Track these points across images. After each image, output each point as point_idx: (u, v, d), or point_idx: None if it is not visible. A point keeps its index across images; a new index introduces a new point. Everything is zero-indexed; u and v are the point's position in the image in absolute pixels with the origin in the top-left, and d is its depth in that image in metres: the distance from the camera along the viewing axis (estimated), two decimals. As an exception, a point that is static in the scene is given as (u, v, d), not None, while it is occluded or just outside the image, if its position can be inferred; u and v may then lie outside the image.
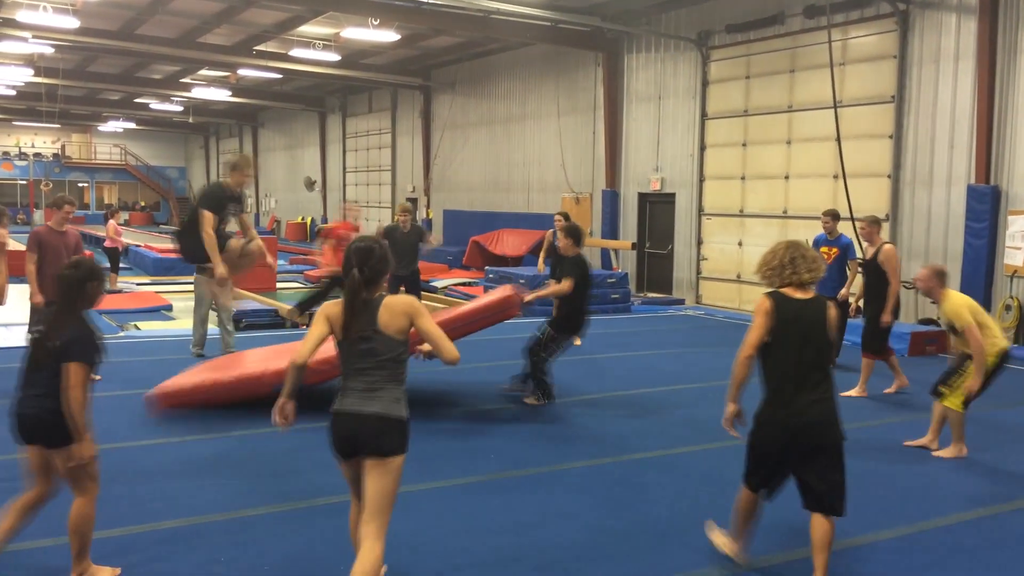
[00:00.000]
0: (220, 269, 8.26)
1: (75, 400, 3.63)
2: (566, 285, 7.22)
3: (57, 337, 3.72)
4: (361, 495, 3.51)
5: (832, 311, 4.00)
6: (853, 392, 8.08)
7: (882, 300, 8.02)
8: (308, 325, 11.94)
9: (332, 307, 3.52)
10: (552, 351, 7.43)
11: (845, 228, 12.83)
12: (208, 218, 8.20)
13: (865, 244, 8.50)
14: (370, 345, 3.46)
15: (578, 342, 9.83)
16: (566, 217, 10.17)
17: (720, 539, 4.37)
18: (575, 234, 7.52)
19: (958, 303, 6.09)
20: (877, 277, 8.09)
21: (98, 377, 7.67)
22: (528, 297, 7.37)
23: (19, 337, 10.37)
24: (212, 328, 9.50)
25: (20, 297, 13.85)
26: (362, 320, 3.45)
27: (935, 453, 6.30)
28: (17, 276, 16.75)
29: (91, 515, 3.82)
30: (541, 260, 11.77)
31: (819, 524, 3.96)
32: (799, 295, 3.96)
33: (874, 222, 8.38)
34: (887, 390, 8.31)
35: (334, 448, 3.56)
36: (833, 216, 9.15)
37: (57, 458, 3.73)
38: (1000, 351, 6.09)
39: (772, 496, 4.17)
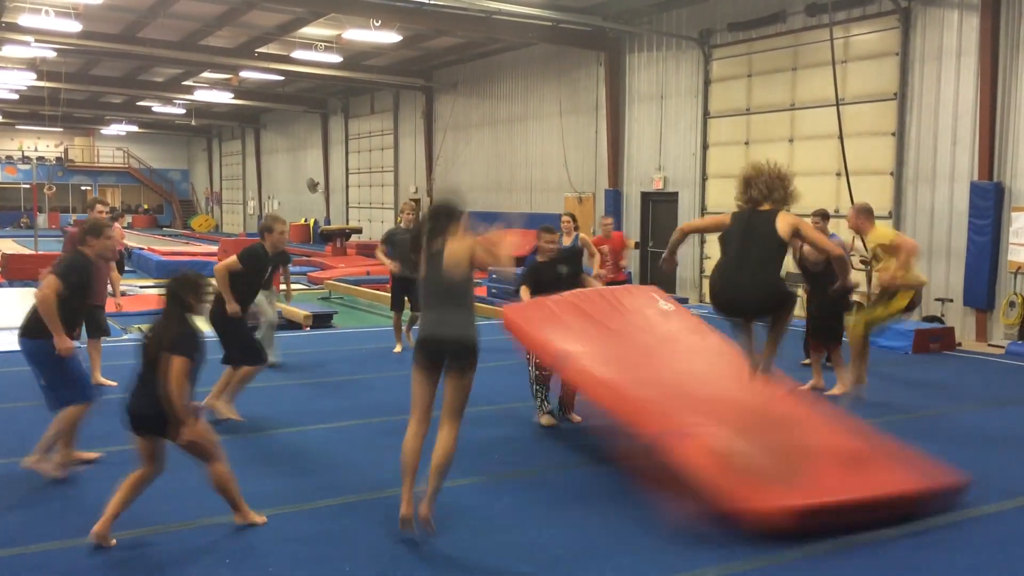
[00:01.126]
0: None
1: (175, 389, 4.14)
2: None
3: (163, 338, 4.25)
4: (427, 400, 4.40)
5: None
6: (836, 390, 7.83)
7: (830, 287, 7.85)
8: (312, 327, 11.91)
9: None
10: None
11: (845, 225, 12.87)
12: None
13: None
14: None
15: None
16: (573, 219, 10.08)
17: None
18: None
19: (882, 228, 6.85)
20: (825, 266, 7.84)
21: (115, 383, 7.79)
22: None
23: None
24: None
25: (23, 301, 13.89)
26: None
27: (826, 392, 6.86)
28: (22, 280, 16.83)
29: (225, 473, 4.45)
30: None
31: None
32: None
33: (824, 216, 8.51)
34: (804, 386, 7.85)
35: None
36: (822, 216, 8.98)
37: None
38: (917, 284, 6.65)
39: None
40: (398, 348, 9.95)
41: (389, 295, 10.43)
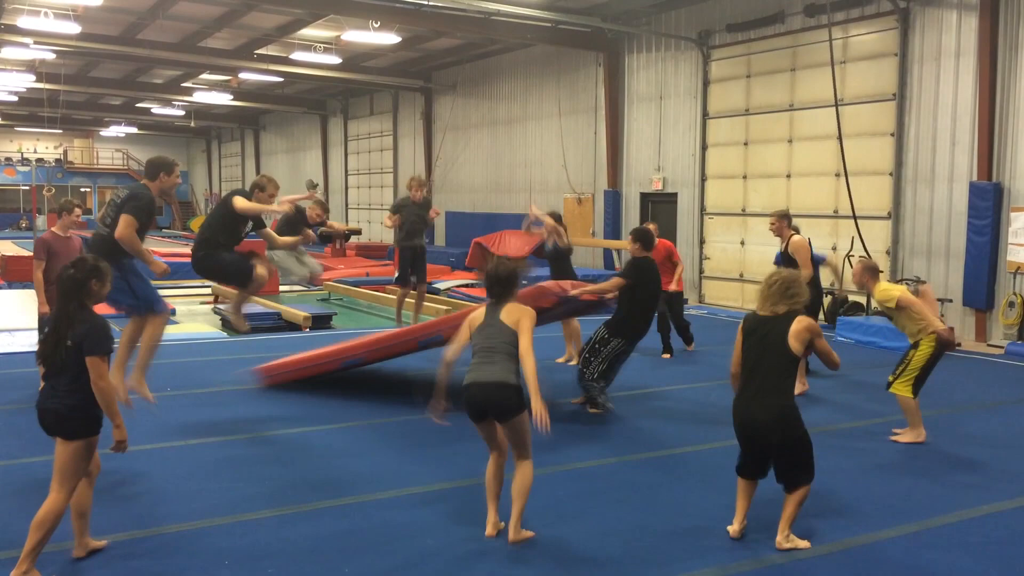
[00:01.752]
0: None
1: (105, 391, 3.88)
2: (614, 282, 7.10)
3: (68, 336, 3.90)
4: (498, 441, 4.56)
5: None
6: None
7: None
8: (311, 328, 11.90)
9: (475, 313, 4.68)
10: (601, 355, 7.12)
11: (848, 227, 12.89)
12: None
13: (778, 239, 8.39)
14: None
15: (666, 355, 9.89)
16: (558, 219, 9.85)
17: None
18: (642, 238, 7.36)
19: (885, 286, 6.63)
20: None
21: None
22: (572, 292, 6.93)
23: (23, 343, 10.37)
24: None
25: (23, 303, 13.90)
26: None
27: (893, 437, 6.59)
28: (22, 282, 16.84)
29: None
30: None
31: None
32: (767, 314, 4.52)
33: (783, 216, 8.30)
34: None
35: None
36: (783, 216, 8.90)
37: (67, 448, 3.92)
38: (935, 331, 6.44)
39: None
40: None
41: (392, 297, 10.48)
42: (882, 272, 7.27)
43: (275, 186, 7.31)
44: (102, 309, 4.57)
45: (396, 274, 10.48)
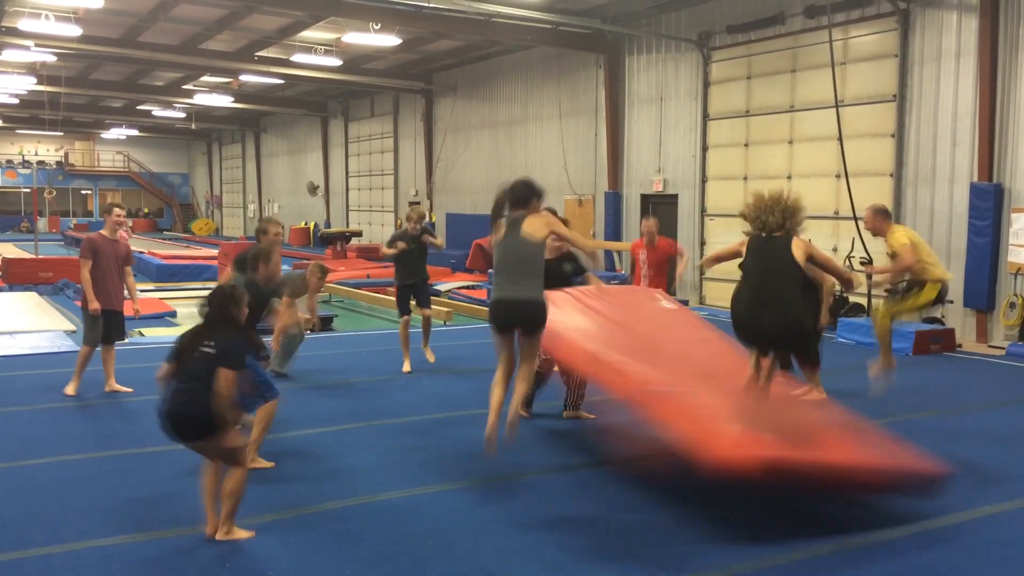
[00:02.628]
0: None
1: (225, 399, 4.24)
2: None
3: (208, 344, 4.34)
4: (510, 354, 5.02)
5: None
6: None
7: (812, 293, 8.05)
8: (312, 331, 11.91)
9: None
10: None
11: (848, 228, 12.89)
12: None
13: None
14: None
15: None
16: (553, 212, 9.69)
17: None
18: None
19: (900, 232, 6.91)
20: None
21: (130, 389, 7.81)
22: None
23: (23, 345, 10.38)
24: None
25: (24, 305, 13.91)
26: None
27: (870, 372, 7.02)
28: (22, 284, 16.84)
29: (244, 481, 4.48)
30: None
31: None
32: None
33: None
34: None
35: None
36: None
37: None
38: (940, 280, 6.85)
39: None
40: (407, 367, 9.08)
41: (392, 298, 10.24)
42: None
43: (276, 225, 6.88)
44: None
45: (397, 307, 9.58)
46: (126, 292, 8.04)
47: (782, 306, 5.06)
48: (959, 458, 6.17)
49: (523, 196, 4.90)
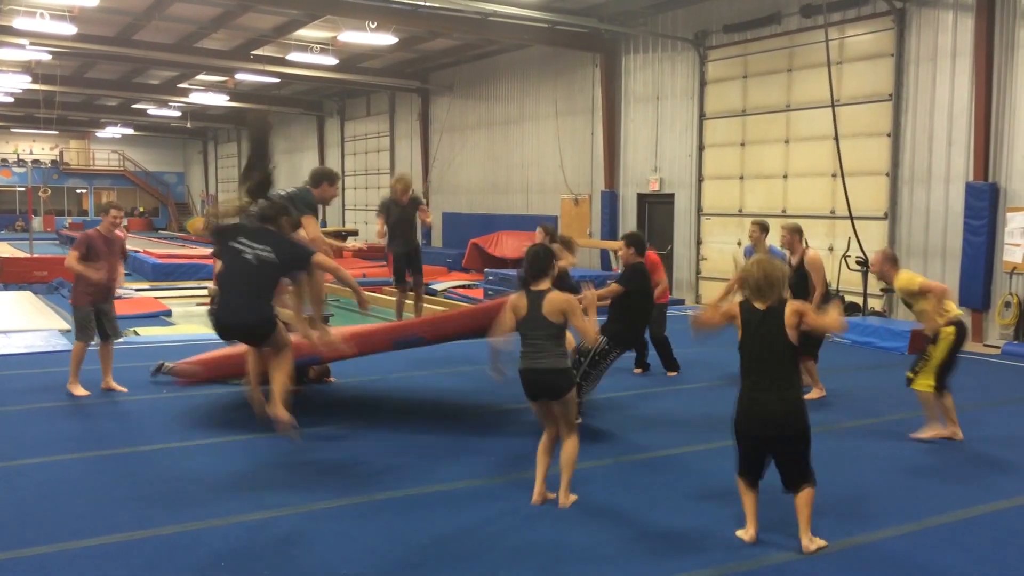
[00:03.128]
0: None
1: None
2: (612, 289, 6.85)
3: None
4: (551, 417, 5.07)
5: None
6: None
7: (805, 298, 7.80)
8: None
9: (515, 298, 5.02)
10: (600, 367, 6.80)
11: (844, 227, 12.89)
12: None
13: (786, 252, 8.11)
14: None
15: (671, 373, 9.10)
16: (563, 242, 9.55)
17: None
18: (636, 242, 7.16)
19: (907, 276, 6.60)
20: (801, 285, 7.81)
21: (125, 388, 7.78)
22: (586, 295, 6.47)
23: (18, 345, 10.34)
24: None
25: (19, 304, 13.86)
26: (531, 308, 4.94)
27: (912, 435, 6.54)
28: (17, 284, 16.78)
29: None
30: None
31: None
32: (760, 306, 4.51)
33: (795, 230, 8.06)
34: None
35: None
36: (762, 227, 8.84)
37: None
38: (955, 319, 6.41)
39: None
40: None
41: (390, 298, 10.34)
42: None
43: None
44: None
45: (393, 277, 10.22)
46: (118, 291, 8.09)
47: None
48: (955, 458, 6.18)
49: (542, 268, 5.01)
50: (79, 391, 7.71)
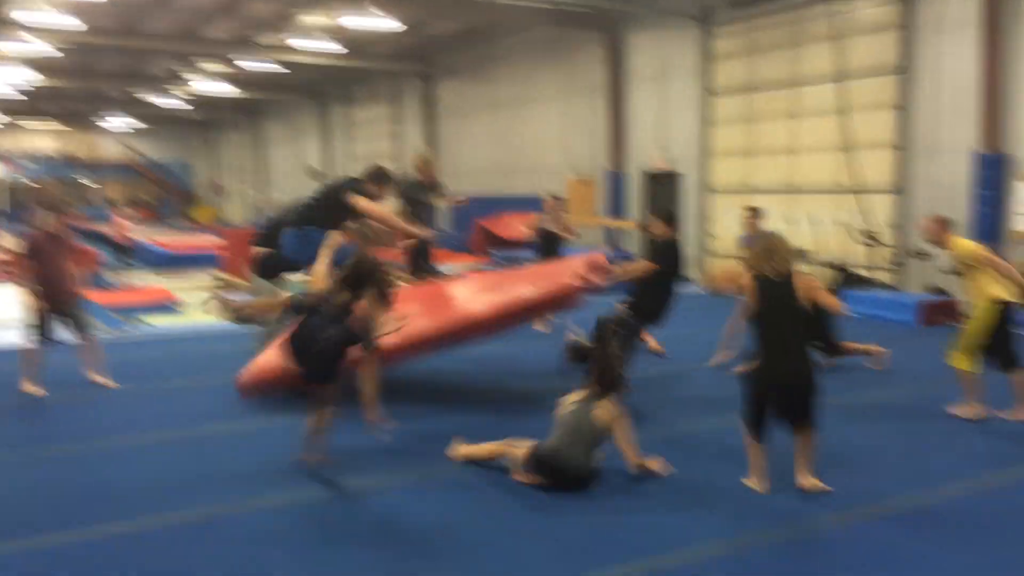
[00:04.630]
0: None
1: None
2: (643, 265, 6.83)
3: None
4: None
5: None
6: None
7: None
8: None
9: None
10: (634, 347, 6.76)
11: (849, 202, 12.83)
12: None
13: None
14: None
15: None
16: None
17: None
18: (670, 218, 7.16)
19: (969, 243, 6.46)
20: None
21: (116, 384, 7.73)
22: (599, 281, 6.48)
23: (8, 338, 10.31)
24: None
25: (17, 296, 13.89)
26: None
27: (949, 409, 6.46)
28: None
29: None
30: None
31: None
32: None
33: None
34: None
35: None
36: (754, 212, 8.75)
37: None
38: (995, 299, 6.19)
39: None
40: None
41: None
42: None
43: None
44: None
45: (411, 267, 9.54)
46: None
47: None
48: (976, 418, 6.18)
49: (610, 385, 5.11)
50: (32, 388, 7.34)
